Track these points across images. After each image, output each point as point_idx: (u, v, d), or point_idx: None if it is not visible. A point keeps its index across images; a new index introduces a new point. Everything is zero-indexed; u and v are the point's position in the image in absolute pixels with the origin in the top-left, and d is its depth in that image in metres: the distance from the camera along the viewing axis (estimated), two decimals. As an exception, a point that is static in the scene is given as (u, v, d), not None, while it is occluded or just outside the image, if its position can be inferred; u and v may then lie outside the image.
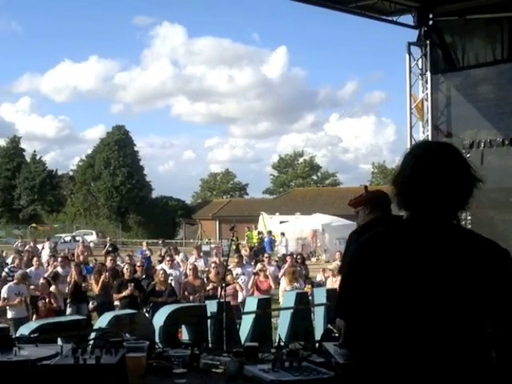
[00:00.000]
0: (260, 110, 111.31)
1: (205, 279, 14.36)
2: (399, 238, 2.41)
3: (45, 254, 23.57)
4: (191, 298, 13.22)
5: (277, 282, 14.86)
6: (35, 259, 16.04)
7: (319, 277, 17.58)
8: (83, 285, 13.59)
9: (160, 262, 19.11)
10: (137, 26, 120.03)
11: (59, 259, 15.86)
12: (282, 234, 36.47)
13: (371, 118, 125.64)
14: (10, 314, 12.18)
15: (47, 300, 12.09)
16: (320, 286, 15.19)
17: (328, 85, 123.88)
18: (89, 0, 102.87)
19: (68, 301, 13.21)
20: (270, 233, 37.08)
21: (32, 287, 13.30)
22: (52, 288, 12.63)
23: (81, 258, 19.96)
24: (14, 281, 12.70)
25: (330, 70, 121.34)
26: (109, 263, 14.84)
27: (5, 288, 12.41)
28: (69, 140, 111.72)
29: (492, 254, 2.37)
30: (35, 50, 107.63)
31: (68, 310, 12.98)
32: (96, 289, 13.54)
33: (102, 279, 13.47)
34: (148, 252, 23.43)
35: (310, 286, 14.42)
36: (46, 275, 13.94)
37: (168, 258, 15.65)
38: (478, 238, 2.45)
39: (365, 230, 4.81)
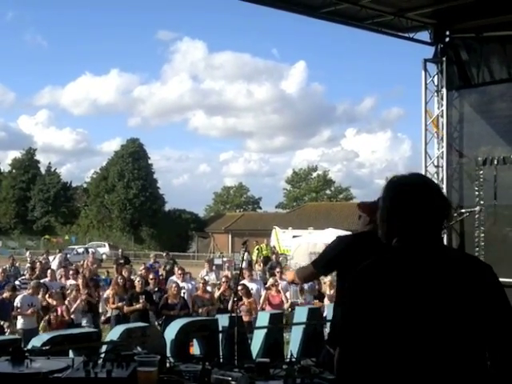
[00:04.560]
0: (277, 125, 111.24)
1: (216, 293, 14.37)
2: (392, 266, 2.51)
3: (54, 265, 23.48)
4: (200, 310, 13.24)
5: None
6: (49, 271, 15.99)
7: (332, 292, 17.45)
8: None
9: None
10: (159, 41, 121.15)
11: (70, 272, 15.85)
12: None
13: (387, 133, 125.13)
14: (19, 325, 12.04)
15: (59, 312, 12.08)
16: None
17: (346, 100, 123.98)
18: (115, 15, 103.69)
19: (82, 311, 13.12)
20: (273, 248, 36.97)
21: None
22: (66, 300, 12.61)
23: (86, 271, 19.43)
24: (29, 291, 12.59)
25: (348, 86, 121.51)
26: (125, 274, 14.81)
27: (18, 298, 12.34)
28: (85, 152, 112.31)
29: (478, 269, 2.51)
30: (58, 64, 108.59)
31: (83, 321, 12.88)
32: (112, 300, 13.43)
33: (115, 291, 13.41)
34: (157, 264, 23.41)
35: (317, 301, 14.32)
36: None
37: (180, 272, 15.62)
38: (462, 256, 2.67)
39: (354, 239, 5.00)
